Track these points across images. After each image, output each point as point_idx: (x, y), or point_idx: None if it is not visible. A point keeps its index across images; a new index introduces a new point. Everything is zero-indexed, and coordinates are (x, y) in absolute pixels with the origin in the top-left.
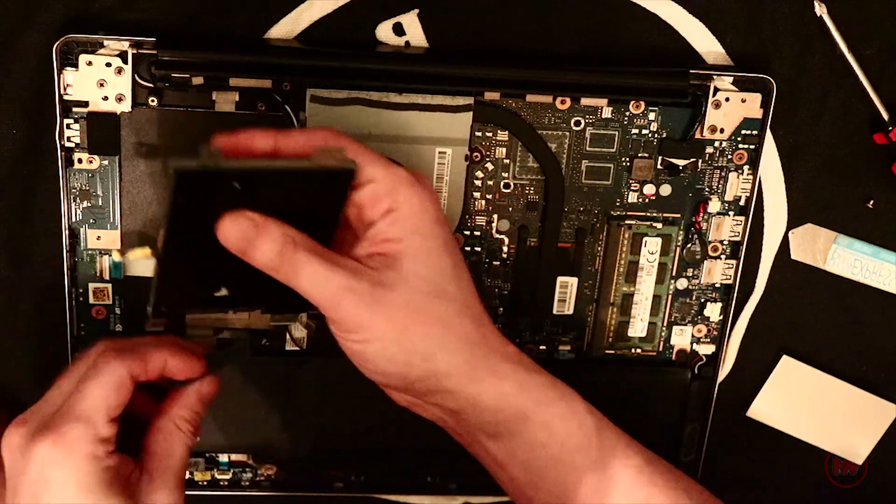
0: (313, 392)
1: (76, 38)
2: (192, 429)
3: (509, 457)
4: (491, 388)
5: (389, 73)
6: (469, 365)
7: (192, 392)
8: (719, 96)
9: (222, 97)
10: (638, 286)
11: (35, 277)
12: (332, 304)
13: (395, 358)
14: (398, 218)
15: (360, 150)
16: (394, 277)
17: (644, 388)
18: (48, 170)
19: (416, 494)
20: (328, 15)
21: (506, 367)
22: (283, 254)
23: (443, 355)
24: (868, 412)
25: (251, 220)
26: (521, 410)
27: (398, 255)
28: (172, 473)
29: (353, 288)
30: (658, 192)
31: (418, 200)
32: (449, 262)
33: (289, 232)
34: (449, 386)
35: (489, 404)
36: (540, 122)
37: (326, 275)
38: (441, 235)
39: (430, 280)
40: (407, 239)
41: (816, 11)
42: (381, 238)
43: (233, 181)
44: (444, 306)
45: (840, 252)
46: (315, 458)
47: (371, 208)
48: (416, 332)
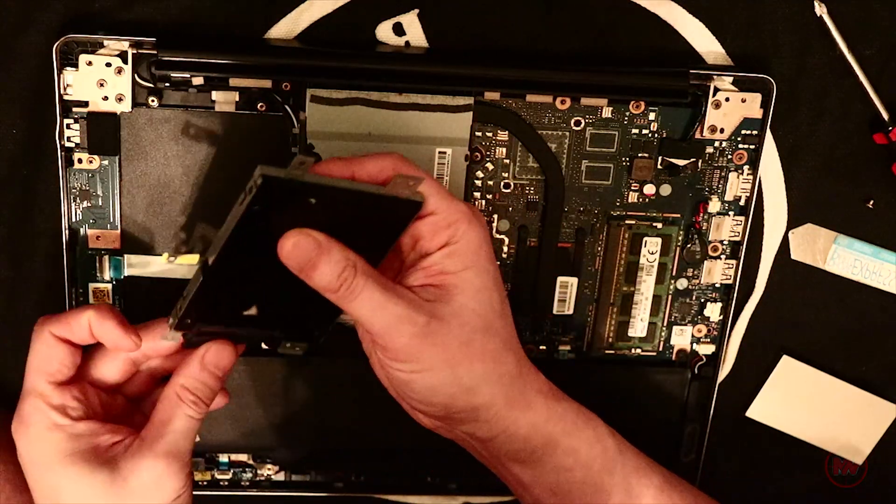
0: (313, 392)
1: (76, 38)
2: (192, 397)
3: (536, 480)
4: (522, 419)
5: (389, 73)
6: (506, 398)
7: (193, 359)
8: (719, 96)
9: (222, 97)
10: (638, 286)
11: (35, 277)
12: (387, 333)
13: (441, 390)
14: (455, 252)
15: (428, 180)
16: (447, 311)
17: (644, 388)
18: (48, 170)
19: (416, 494)
20: (328, 15)
21: (538, 399)
22: (344, 277)
23: (486, 389)
24: (868, 412)
25: (315, 241)
26: (551, 438)
27: (452, 289)
28: (163, 441)
29: (411, 319)
30: (658, 192)
31: (475, 237)
32: (497, 299)
33: (350, 256)
34: (485, 417)
35: (520, 434)
36: (540, 122)
37: (384, 303)
38: (492, 272)
39: (481, 315)
40: (462, 273)
41: (816, 11)
42: (436, 270)
43: (310, 196)
44: (492, 341)
45: (840, 252)
46: (315, 458)
47: (429, 240)
48: (465, 366)
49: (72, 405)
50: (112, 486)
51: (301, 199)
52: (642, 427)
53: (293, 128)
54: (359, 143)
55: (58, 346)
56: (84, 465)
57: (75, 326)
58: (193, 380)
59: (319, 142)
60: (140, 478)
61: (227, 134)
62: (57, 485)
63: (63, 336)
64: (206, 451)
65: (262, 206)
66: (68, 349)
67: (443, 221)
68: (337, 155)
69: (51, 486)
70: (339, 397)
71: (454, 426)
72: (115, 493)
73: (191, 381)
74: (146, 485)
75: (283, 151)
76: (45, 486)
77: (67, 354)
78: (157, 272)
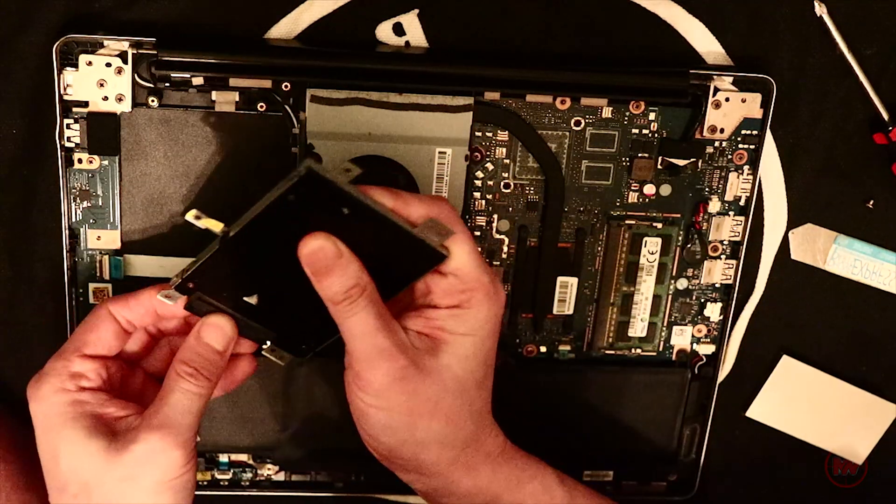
0: (313, 392)
1: (76, 38)
2: (189, 369)
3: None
4: (464, 480)
5: (389, 73)
6: (452, 461)
7: (191, 334)
8: (719, 96)
9: (222, 97)
10: (638, 286)
11: (35, 277)
12: (365, 361)
13: (394, 433)
14: (461, 316)
15: (463, 238)
16: (430, 364)
17: (644, 388)
18: (48, 170)
19: (416, 494)
20: (328, 15)
21: (485, 463)
22: (349, 294)
23: (436, 449)
24: (868, 412)
25: (337, 249)
26: (494, 494)
27: (443, 346)
28: (159, 414)
29: (392, 357)
30: (658, 192)
31: (486, 311)
32: (482, 372)
33: (364, 277)
34: (427, 472)
35: (462, 492)
36: (540, 122)
37: (374, 333)
38: (488, 346)
39: (460, 380)
40: (459, 338)
41: (816, 11)
42: (437, 324)
43: (344, 206)
44: (459, 406)
45: (840, 252)
46: (315, 458)
47: (441, 297)
48: (424, 420)
49: (90, 376)
50: (106, 453)
51: (335, 205)
52: (642, 427)
53: (293, 128)
54: (359, 143)
55: (108, 321)
56: (82, 429)
57: (134, 304)
58: (190, 353)
59: (319, 142)
60: (131, 451)
61: (227, 134)
62: (56, 446)
63: (121, 314)
64: (206, 451)
65: (297, 198)
66: (117, 330)
67: (460, 286)
68: (337, 155)
69: (52, 447)
70: (339, 397)
71: (395, 471)
72: (108, 461)
73: (188, 355)
74: (139, 458)
75: (283, 151)
76: (48, 449)
77: (113, 335)
78: (158, 272)
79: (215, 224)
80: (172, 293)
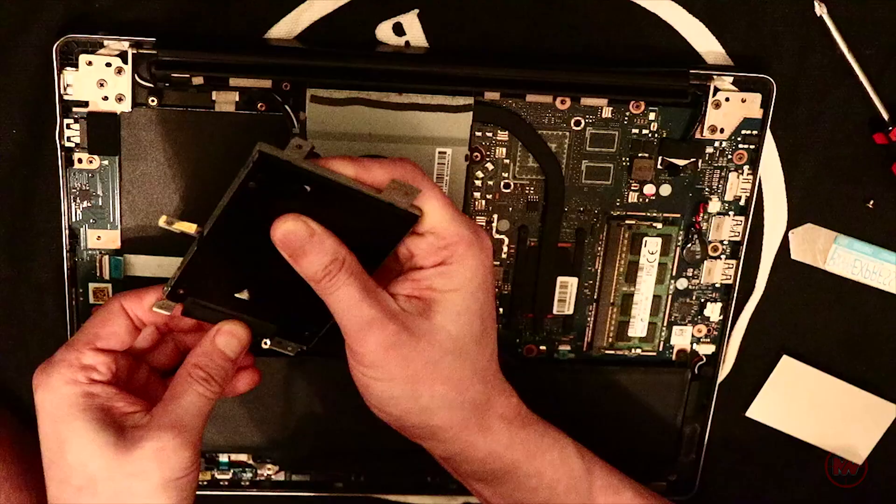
0: (313, 392)
1: (76, 38)
2: (203, 374)
3: (496, 497)
4: (481, 443)
5: (389, 73)
6: (463, 423)
7: (206, 338)
8: (719, 96)
9: (222, 97)
10: (638, 286)
11: (35, 277)
12: (356, 335)
13: (398, 403)
14: (447, 273)
15: (432, 193)
16: (423, 327)
17: (644, 388)
18: (48, 170)
19: (416, 494)
20: (328, 15)
21: (499, 425)
22: (329, 270)
23: (443, 413)
24: (868, 412)
25: (309, 228)
26: (511, 462)
27: (434, 306)
28: (170, 414)
29: (381, 326)
30: (658, 192)
31: (472, 264)
32: (479, 326)
33: (341, 251)
34: (441, 437)
35: (477, 457)
36: (540, 122)
37: (359, 304)
38: (481, 300)
39: (456, 338)
40: (449, 294)
41: (816, 11)
42: (424, 285)
43: (306, 184)
44: (462, 367)
45: (840, 252)
46: (315, 458)
47: (425, 257)
48: (426, 386)
49: (100, 369)
50: (115, 448)
51: (297, 184)
52: (642, 427)
53: (293, 128)
54: (359, 143)
55: (121, 316)
56: (92, 421)
57: (147, 300)
58: (205, 358)
59: (319, 142)
60: (142, 447)
61: (227, 134)
62: (63, 437)
63: (133, 310)
64: (206, 451)
65: (259, 185)
66: (128, 325)
67: (439, 242)
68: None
69: (57, 437)
70: (339, 397)
71: (413, 439)
72: (116, 456)
73: (203, 360)
74: (147, 455)
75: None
76: (53, 439)
77: (125, 330)
78: (158, 272)
79: (188, 226)
80: (166, 303)
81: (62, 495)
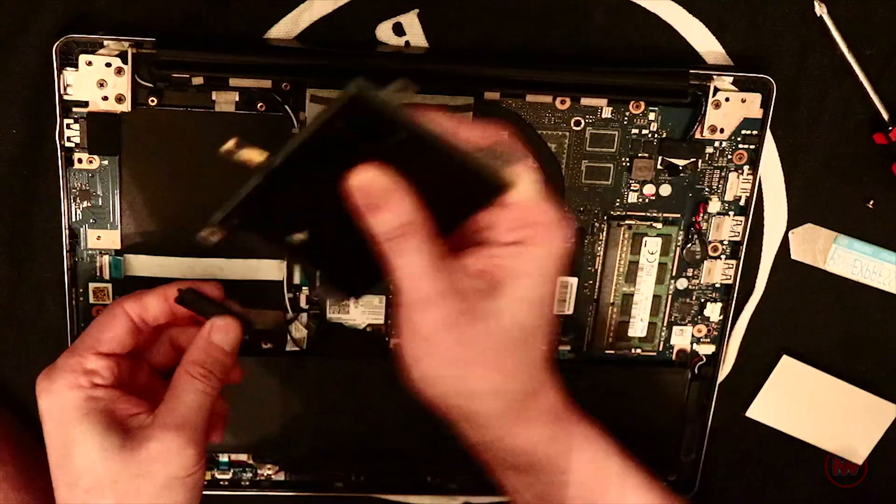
0: (313, 392)
1: (76, 38)
2: (203, 372)
3: (528, 488)
4: (520, 435)
5: (389, 73)
6: (506, 412)
7: (200, 336)
8: (719, 96)
9: (222, 97)
10: (638, 286)
11: (35, 277)
12: (416, 306)
13: (443, 383)
14: (523, 254)
15: (527, 165)
16: (486, 309)
17: (644, 388)
18: (48, 170)
19: (416, 494)
20: (328, 15)
21: (542, 419)
22: (401, 232)
23: (488, 401)
24: (868, 412)
25: (391, 182)
26: (546, 457)
27: (501, 288)
28: (173, 413)
29: (445, 303)
30: (658, 192)
31: (549, 250)
32: (540, 317)
33: (418, 213)
34: (479, 422)
35: (515, 447)
36: (540, 122)
37: (426, 276)
38: (548, 291)
39: (520, 326)
40: (522, 277)
41: (816, 11)
42: (496, 262)
43: (397, 132)
44: (518, 357)
45: (840, 252)
46: (315, 458)
47: (505, 231)
48: (478, 372)
49: (103, 373)
50: (121, 451)
51: (387, 130)
52: (642, 427)
53: (293, 128)
54: None
55: (123, 320)
56: (98, 425)
57: (149, 302)
58: (203, 354)
59: None
60: (148, 448)
61: (227, 134)
62: (69, 442)
63: (135, 312)
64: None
65: (345, 124)
66: (131, 328)
67: (524, 219)
68: None
69: (64, 442)
70: (339, 397)
71: (444, 417)
72: (123, 458)
73: (200, 356)
74: (154, 455)
75: None
76: (59, 443)
77: (127, 333)
78: (158, 272)
79: (258, 153)
80: (215, 229)
81: (72, 499)
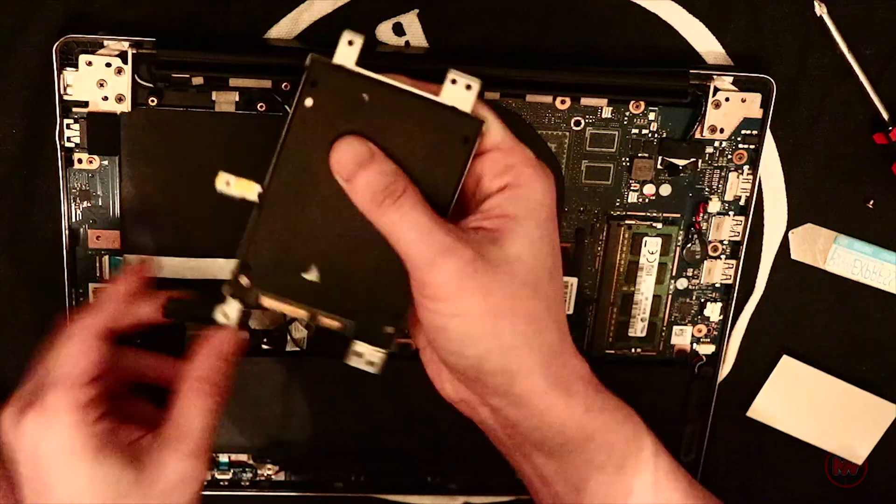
0: (313, 392)
1: (76, 38)
2: (209, 388)
3: (559, 474)
4: (561, 405)
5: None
6: (544, 375)
7: (202, 349)
8: (719, 96)
9: (222, 97)
10: (638, 286)
11: (35, 277)
12: (429, 265)
13: (478, 342)
14: (518, 196)
15: (488, 110)
16: (498, 255)
17: (644, 389)
18: (48, 170)
19: (416, 494)
20: (328, 15)
21: (579, 386)
22: (390, 192)
23: (526, 354)
24: (868, 412)
25: (367, 147)
26: (587, 431)
27: (507, 234)
28: (188, 438)
29: (456, 252)
30: (658, 192)
31: (541, 185)
32: (550, 259)
33: (402, 174)
34: (520, 391)
35: (554, 422)
36: (540, 122)
37: (432, 231)
38: (552, 231)
39: (532, 270)
40: (522, 220)
41: (816, 11)
42: (495, 212)
43: (363, 91)
44: (538, 303)
45: (840, 252)
46: (315, 458)
47: (491, 179)
48: (508, 320)
49: (96, 403)
50: (137, 485)
51: (354, 95)
52: None
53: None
54: None
55: (93, 341)
56: (115, 462)
57: (107, 309)
58: (207, 370)
59: None
60: (167, 478)
61: (227, 134)
62: (83, 482)
63: (98, 325)
64: None
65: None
66: (101, 347)
67: (504, 160)
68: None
69: (73, 483)
70: (339, 397)
71: (485, 395)
72: (139, 492)
73: (204, 373)
74: (173, 485)
75: None
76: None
77: (100, 355)
78: (157, 272)
79: (248, 185)
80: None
81: None
